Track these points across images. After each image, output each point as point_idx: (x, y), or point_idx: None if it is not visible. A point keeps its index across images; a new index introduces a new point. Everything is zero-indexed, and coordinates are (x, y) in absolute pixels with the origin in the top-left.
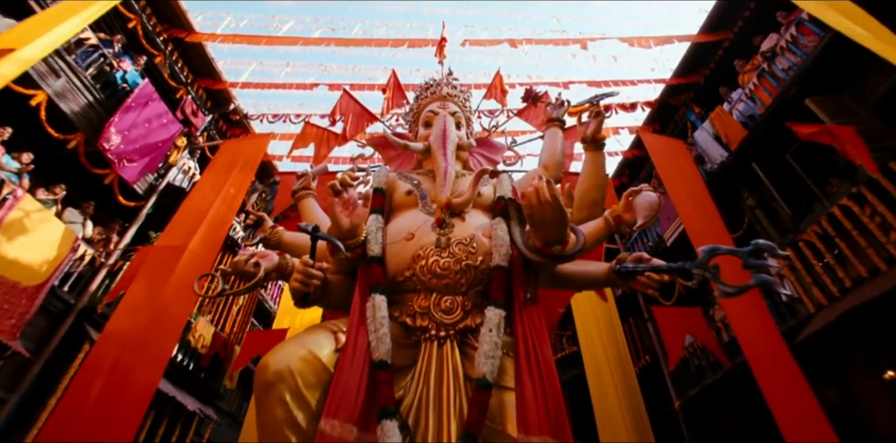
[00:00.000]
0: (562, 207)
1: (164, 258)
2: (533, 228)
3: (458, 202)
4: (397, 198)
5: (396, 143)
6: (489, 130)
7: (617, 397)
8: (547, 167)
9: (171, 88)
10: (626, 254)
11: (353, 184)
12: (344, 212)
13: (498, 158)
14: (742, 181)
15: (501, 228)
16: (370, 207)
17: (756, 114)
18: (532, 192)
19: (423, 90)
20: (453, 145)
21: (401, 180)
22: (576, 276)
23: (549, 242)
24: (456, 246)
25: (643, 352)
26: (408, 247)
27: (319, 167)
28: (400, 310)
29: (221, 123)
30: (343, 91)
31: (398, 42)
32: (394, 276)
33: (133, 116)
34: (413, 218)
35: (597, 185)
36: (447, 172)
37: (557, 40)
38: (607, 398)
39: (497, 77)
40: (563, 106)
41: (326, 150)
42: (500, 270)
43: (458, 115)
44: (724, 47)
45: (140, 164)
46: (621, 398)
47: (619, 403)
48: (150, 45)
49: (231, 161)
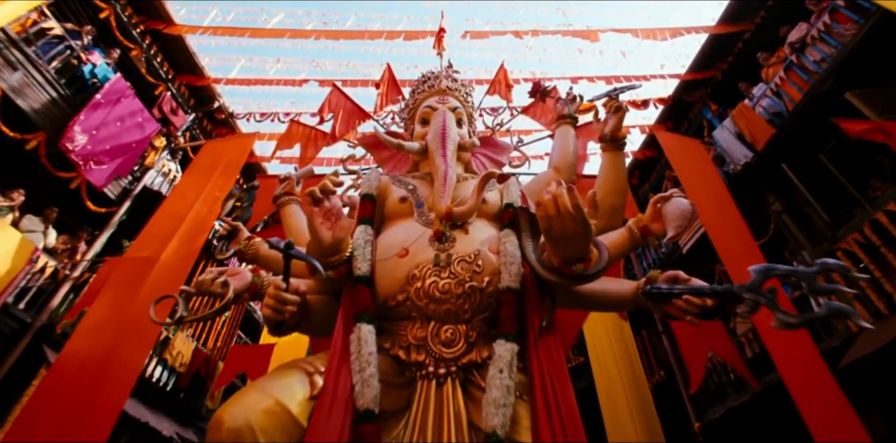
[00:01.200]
0: (586, 218)
1: (134, 271)
2: (550, 243)
3: (460, 212)
4: (390, 206)
5: (388, 142)
6: (493, 129)
7: (631, 416)
8: (558, 169)
9: (150, 85)
10: (657, 271)
11: (335, 190)
12: (325, 224)
13: (504, 159)
14: (767, 184)
15: (511, 242)
16: (357, 217)
17: (783, 111)
18: (550, 200)
19: (420, 84)
20: (454, 145)
21: (394, 185)
22: (597, 296)
23: (568, 260)
24: (458, 264)
25: (657, 367)
26: (401, 265)
27: (304, 170)
28: (391, 341)
29: (206, 123)
30: (333, 86)
31: (393, 34)
32: (384, 300)
33: (102, 113)
34: (407, 230)
35: (616, 189)
36: (447, 175)
37: (566, 31)
38: (620, 418)
39: (501, 70)
40: (575, 101)
41: (314, 150)
42: (510, 293)
43: (459, 111)
44: (745, 39)
45: (110, 166)
46: (635, 418)
47: (633, 423)
48: (124, 38)
49: (212, 163)
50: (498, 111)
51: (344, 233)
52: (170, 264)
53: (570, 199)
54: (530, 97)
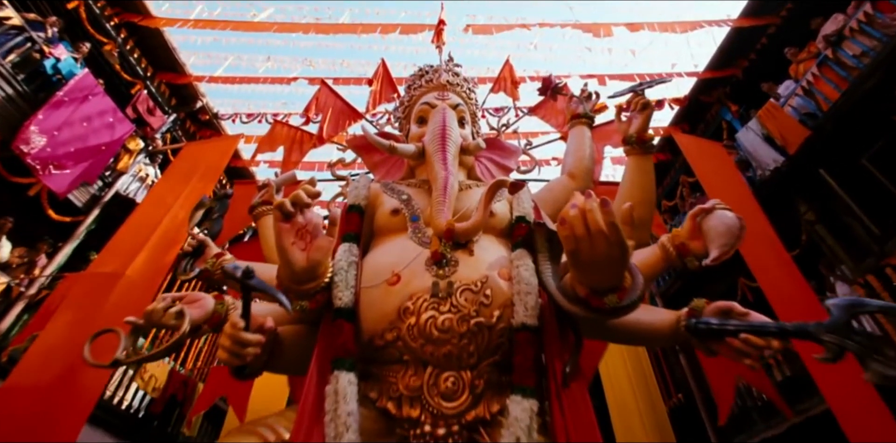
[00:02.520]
0: (623, 240)
1: (95, 288)
2: (577, 268)
3: (463, 228)
4: (380, 219)
5: (378, 144)
6: (499, 130)
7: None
8: (573, 176)
9: (125, 82)
10: (702, 301)
11: (309, 202)
12: (298, 244)
13: (512, 163)
14: (798, 191)
15: (526, 265)
16: (340, 234)
17: (816, 110)
18: (577, 216)
19: (417, 78)
20: (455, 147)
21: (386, 194)
22: (628, 328)
23: (598, 289)
24: (461, 295)
25: (674, 389)
26: (391, 295)
27: (285, 176)
28: (379, 390)
29: (188, 124)
30: (321, 83)
31: (389, 27)
32: (370, 338)
33: (65, 112)
34: (400, 250)
35: (644, 200)
36: (447, 183)
37: (576, 25)
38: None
39: (506, 66)
40: (591, 99)
41: (299, 154)
42: (526, 332)
43: (461, 108)
44: (769, 34)
45: (74, 171)
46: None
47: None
48: (96, 31)
49: (192, 167)
50: (502, 111)
51: (321, 255)
52: (136, 281)
53: (604, 215)
54: (540, 94)
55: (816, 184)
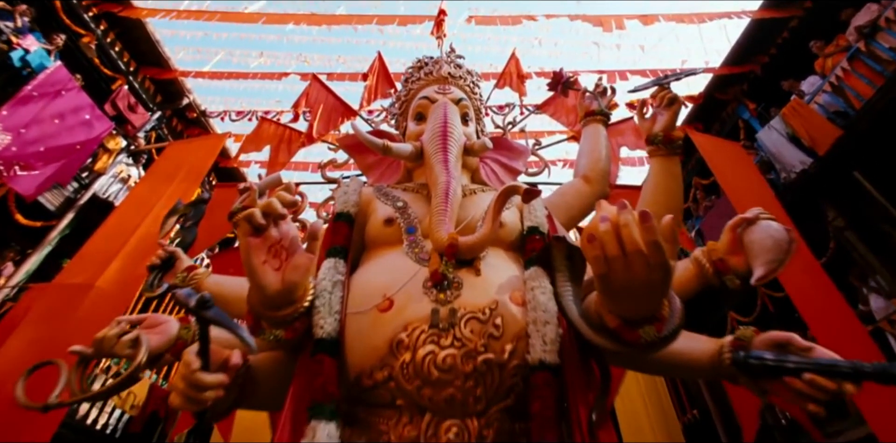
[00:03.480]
0: (667, 263)
1: (63, 300)
2: (607, 295)
3: (468, 243)
4: (372, 229)
5: (370, 143)
6: (504, 128)
7: None
8: (588, 179)
9: (105, 77)
10: (751, 329)
11: (285, 213)
12: (271, 263)
13: (520, 165)
14: (825, 195)
15: (543, 288)
16: (324, 247)
17: (846, 108)
18: (609, 232)
19: (415, 70)
20: (458, 147)
21: (379, 200)
22: (660, 360)
23: (632, 320)
24: (466, 324)
25: (689, 404)
26: (382, 324)
27: (270, 178)
28: (367, 439)
29: (175, 122)
30: (312, 77)
31: (386, 19)
32: (357, 376)
33: (34, 108)
34: (393, 267)
35: (671, 207)
36: (449, 188)
37: (586, 17)
38: None
39: (512, 59)
40: (606, 94)
41: (287, 154)
42: (545, 372)
43: (464, 103)
44: (791, 27)
45: (44, 172)
46: None
47: None
48: (72, 22)
49: (174, 168)
50: (507, 108)
51: (299, 275)
52: (108, 293)
53: (644, 232)
54: (550, 90)
55: (848, 187)
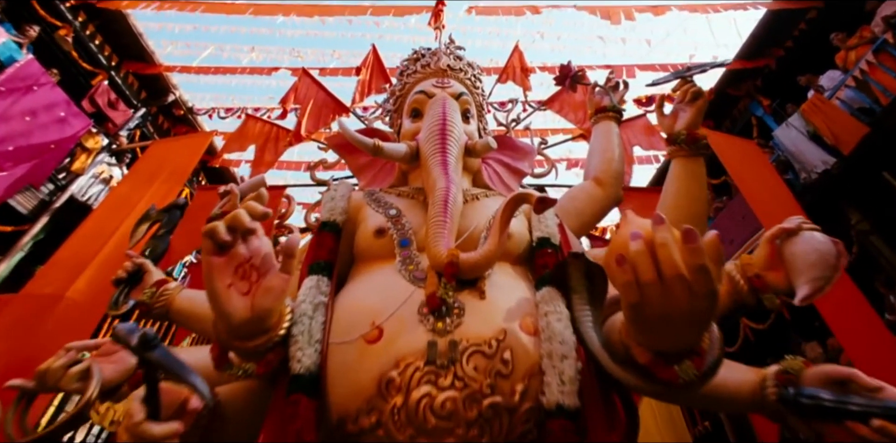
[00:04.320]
0: (715, 290)
1: (29, 313)
2: (638, 326)
3: (471, 262)
4: (361, 241)
5: (359, 142)
6: (508, 126)
7: None
8: (600, 181)
9: (85, 72)
10: (799, 361)
11: (254, 227)
12: (238, 286)
13: (525, 166)
14: (847, 196)
15: (558, 314)
16: (307, 262)
17: (872, 105)
18: (642, 253)
19: (412, 62)
20: (458, 147)
21: (370, 207)
22: (692, 393)
23: (667, 355)
24: (469, 360)
25: (700, 416)
26: (369, 358)
27: (252, 181)
28: None
29: (162, 119)
30: (302, 71)
31: (381, 10)
32: (340, 420)
33: (1, 105)
34: (384, 288)
35: (693, 213)
36: (448, 196)
37: (592, 7)
38: None
39: (515, 52)
40: (619, 89)
41: (273, 153)
42: (562, 418)
43: (465, 98)
44: (809, 19)
45: (14, 172)
46: None
47: None
48: (47, 12)
49: (156, 168)
50: (509, 104)
51: (271, 300)
52: (79, 304)
53: (689, 255)
54: (556, 84)
55: (875, 189)
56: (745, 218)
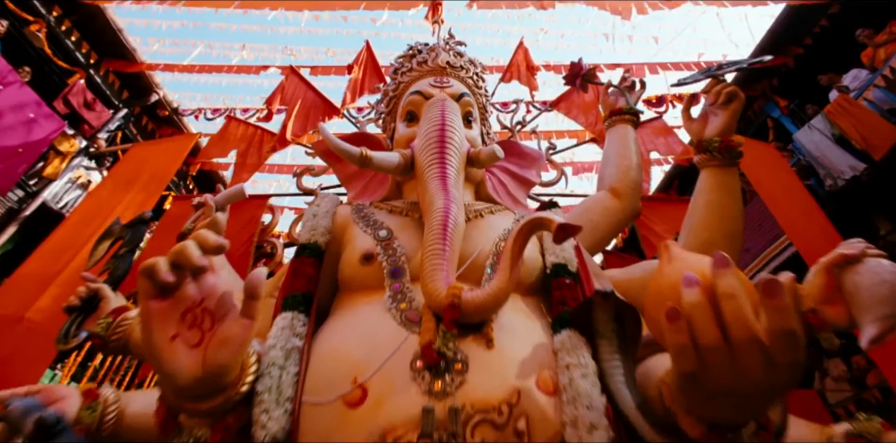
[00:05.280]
0: (801, 360)
1: None
2: (692, 396)
3: (477, 303)
4: (346, 267)
5: (343, 152)
6: (513, 129)
7: None
8: (617, 192)
9: (60, 70)
10: (876, 422)
11: (204, 263)
12: (185, 337)
13: (533, 175)
14: (879, 204)
15: (582, 368)
16: (283, 293)
17: None
18: (701, 307)
19: (407, 59)
20: (460, 157)
21: (358, 225)
22: None
23: (725, 428)
24: (475, 431)
25: None
26: (349, 426)
27: (231, 192)
28: None
29: (146, 120)
30: (289, 70)
31: (375, 4)
32: None
33: None
34: (370, 332)
35: (729, 233)
36: (448, 218)
37: (604, 3)
38: None
39: (520, 49)
40: (635, 89)
41: (257, 158)
42: None
43: (466, 100)
44: (831, 14)
45: None
46: None
47: None
48: (17, 6)
49: (135, 173)
50: (512, 105)
51: (228, 354)
52: (40, 327)
53: (773, 314)
54: (566, 84)
55: None
56: (761, 226)
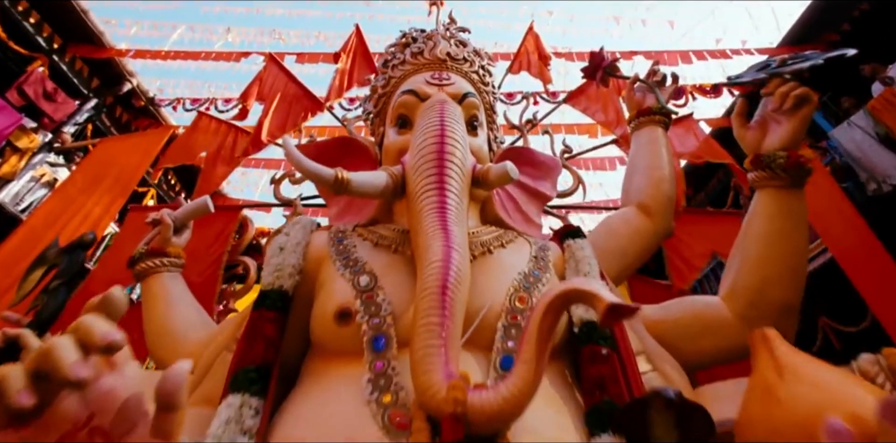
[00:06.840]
0: None
1: None
2: None
3: (489, 411)
4: (318, 325)
5: (314, 175)
6: (522, 129)
7: None
8: (647, 209)
9: (19, 57)
10: None
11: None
12: None
13: (548, 187)
14: None
15: None
16: (232, 368)
17: None
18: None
19: (400, 49)
20: (463, 179)
21: (335, 263)
22: None
23: None
24: None
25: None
26: None
27: (192, 206)
28: None
29: (120, 112)
30: (268, 57)
31: None
32: None
33: None
34: (341, 433)
35: (795, 268)
36: (449, 275)
37: None
38: None
39: (530, 35)
40: (666, 83)
41: (228, 164)
42: None
43: (471, 100)
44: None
45: None
46: None
47: None
48: None
49: (102, 171)
50: (517, 97)
51: None
52: None
53: None
54: (585, 77)
55: None
56: None
